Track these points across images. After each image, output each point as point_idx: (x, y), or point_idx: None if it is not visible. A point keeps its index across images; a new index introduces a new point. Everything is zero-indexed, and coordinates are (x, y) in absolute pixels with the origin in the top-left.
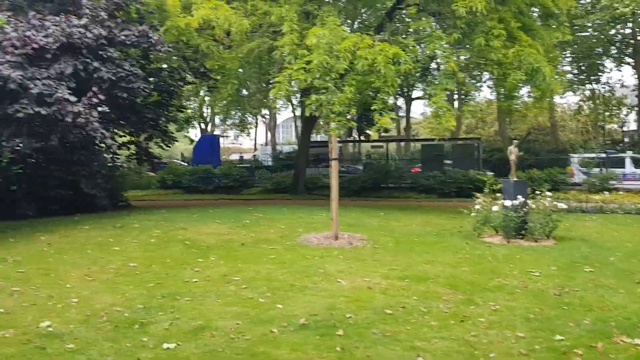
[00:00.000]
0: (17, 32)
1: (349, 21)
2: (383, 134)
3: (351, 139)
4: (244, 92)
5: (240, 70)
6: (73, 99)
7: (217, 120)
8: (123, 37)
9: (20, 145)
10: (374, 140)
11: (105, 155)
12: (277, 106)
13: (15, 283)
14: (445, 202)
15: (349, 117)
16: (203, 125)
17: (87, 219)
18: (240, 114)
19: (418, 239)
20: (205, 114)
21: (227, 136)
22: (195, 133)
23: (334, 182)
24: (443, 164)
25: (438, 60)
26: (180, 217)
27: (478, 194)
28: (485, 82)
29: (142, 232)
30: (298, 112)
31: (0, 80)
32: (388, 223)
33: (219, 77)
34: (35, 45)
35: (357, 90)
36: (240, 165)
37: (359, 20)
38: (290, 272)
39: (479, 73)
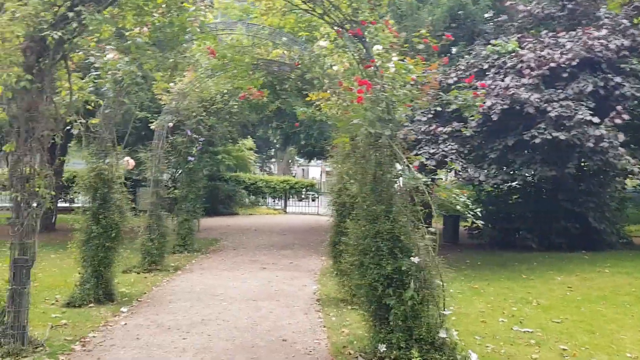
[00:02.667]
0: (533, 53)
1: None
2: None
3: None
4: None
5: None
6: (596, 120)
7: None
8: None
9: (528, 174)
10: None
11: (616, 184)
12: None
13: (558, 337)
14: None
15: None
16: None
17: (598, 258)
18: None
19: None
20: None
21: None
22: None
23: None
24: None
25: None
26: None
27: None
28: None
29: None
30: None
31: (518, 104)
32: None
33: None
34: (552, 65)
35: None
36: None
37: None
38: None
39: None
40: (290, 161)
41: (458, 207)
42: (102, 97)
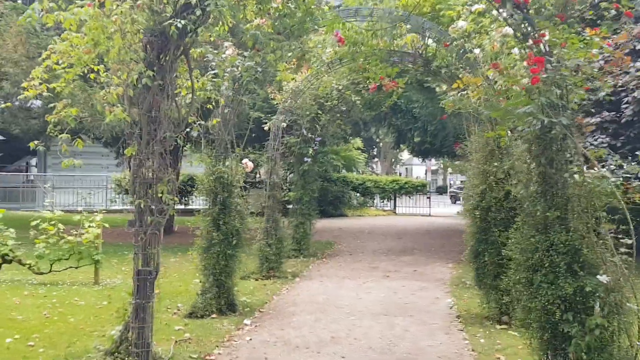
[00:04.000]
0: None
1: None
2: None
3: None
4: None
5: None
6: None
7: None
8: None
9: None
10: None
11: None
12: None
13: None
14: None
15: None
16: None
17: None
18: None
19: None
20: None
21: None
22: None
23: None
24: None
25: None
26: None
27: None
28: None
29: None
30: None
31: None
32: None
33: None
34: None
35: None
36: None
37: None
38: None
39: None
40: (393, 160)
41: None
42: (221, 96)
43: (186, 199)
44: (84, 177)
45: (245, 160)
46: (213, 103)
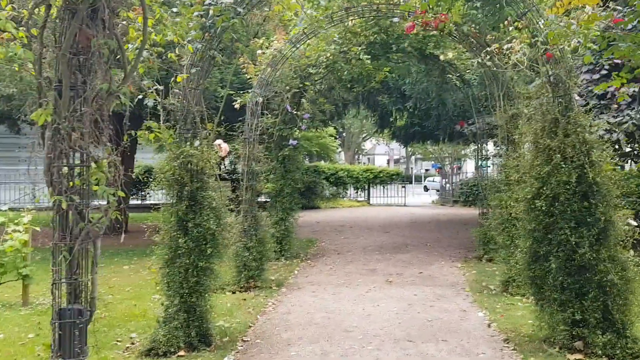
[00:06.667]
0: None
1: None
2: None
3: None
4: None
5: None
6: None
7: None
8: None
9: None
10: None
11: None
12: None
13: None
14: None
15: None
16: None
17: None
18: None
19: None
20: None
21: None
22: None
23: None
24: None
25: None
26: None
27: None
28: None
29: None
30: None
31: None
32: None
33: None
34: None
35: None
36: None
37: None
38: None
39: None
40: (356, 150)
41: None
42: (187, 44)
43: (143, 192)
44: (31, 170)
45: (218, 142)
46: (176, 53)
